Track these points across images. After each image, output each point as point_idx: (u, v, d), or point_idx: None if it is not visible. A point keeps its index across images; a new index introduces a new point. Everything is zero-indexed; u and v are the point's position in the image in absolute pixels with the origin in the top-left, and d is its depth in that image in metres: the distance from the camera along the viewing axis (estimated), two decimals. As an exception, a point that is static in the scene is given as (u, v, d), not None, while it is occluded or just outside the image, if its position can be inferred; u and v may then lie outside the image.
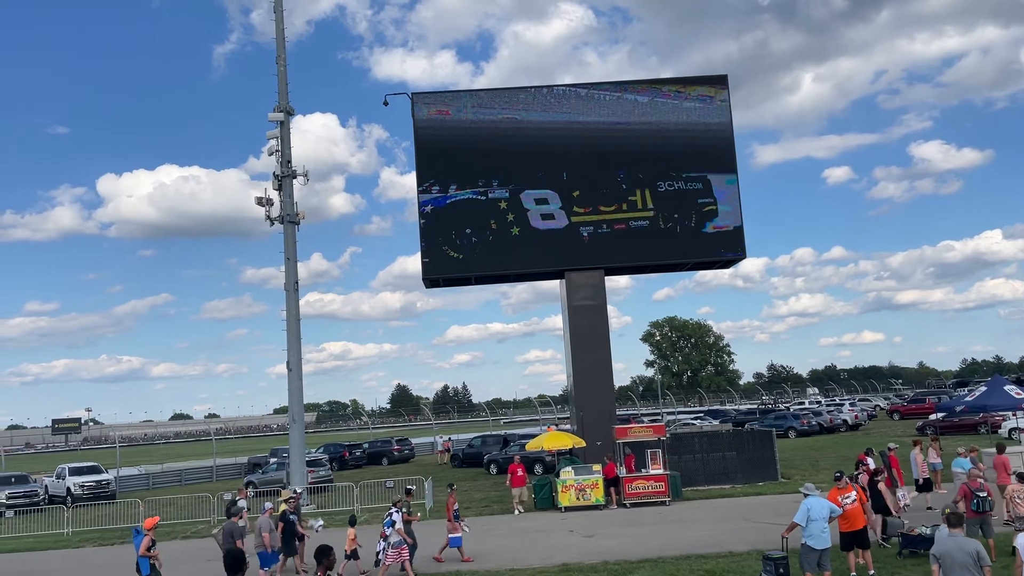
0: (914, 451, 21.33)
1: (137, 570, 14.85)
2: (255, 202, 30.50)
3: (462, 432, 66.55)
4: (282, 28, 31.62)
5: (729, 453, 27.51)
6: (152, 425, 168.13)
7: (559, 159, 31.89)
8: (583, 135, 32.05)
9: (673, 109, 32.28)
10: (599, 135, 32.07)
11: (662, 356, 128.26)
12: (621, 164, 31.87)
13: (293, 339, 30.56)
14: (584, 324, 31.26)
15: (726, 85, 32.66)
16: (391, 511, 16.33)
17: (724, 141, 32.20)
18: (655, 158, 31.87)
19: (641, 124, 32.21)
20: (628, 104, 32.32)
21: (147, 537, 14.70)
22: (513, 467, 25.39)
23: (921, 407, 53.56)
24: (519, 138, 32.01)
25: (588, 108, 32.21)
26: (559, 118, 32.18)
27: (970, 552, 9.20)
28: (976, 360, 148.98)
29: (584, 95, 32.32)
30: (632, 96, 32.35)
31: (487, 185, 31.62)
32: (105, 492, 35.70)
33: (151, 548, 14.64)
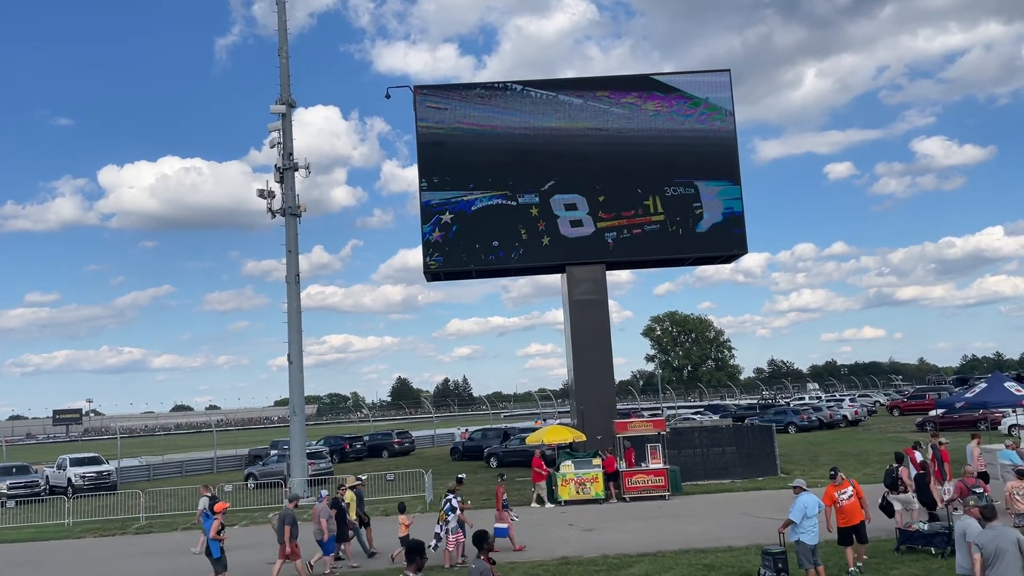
0: (971, 444, 21.24)
1: (207, 552, 15.51)
2: (257, 194, 30.49)
3: (462, 425, 66.61)
4: (284, 20, 31.55)
5: (729, 448, 27.55)
6: (153, 416, 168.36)
7: (582, 163, 31.92)
8: (602, 140, 32.08)
9: (684, 119, 32.29)
10: (616, 140, 32.09)
11: (663, 351, 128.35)
12: (635, 169, 31.87)
13: (294, 331, 30.58)
14: (585, 318, 31.28)
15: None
16: (449, 497, 16.82)
17: (726, 149, 32.23)
18: (665, 164, 31.97)
19: (652, 131, 32.19)
20: (641, 112, 32.29)
21: (217, 521, 15.34)
22: (536, 461, 25.41)
23: (921, 403, 53.53)
24: (535, 141, 31.96)
25: (599, 114, 32.24)
26: (571, 124, 32.13)
27: (1012, 540, 9.32)
28: (976, 356, 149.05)
29: (590, 106, 32.24)
30: (644, 105, 32.31)
31: (514, 189, 31.57)
32: (106, 483, 35.79)
33: (220, 531, 15.30)
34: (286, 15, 31.66)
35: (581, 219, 31.50)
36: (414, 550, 8.58)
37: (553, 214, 31.42)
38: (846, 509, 13.82)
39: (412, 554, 8.52)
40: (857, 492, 14.05)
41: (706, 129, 32.18)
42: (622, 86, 32.56)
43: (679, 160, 31.93)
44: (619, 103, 32.12)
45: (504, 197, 31.47)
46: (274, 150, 31.05)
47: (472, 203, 31.43)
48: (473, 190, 31.50)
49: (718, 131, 32.19)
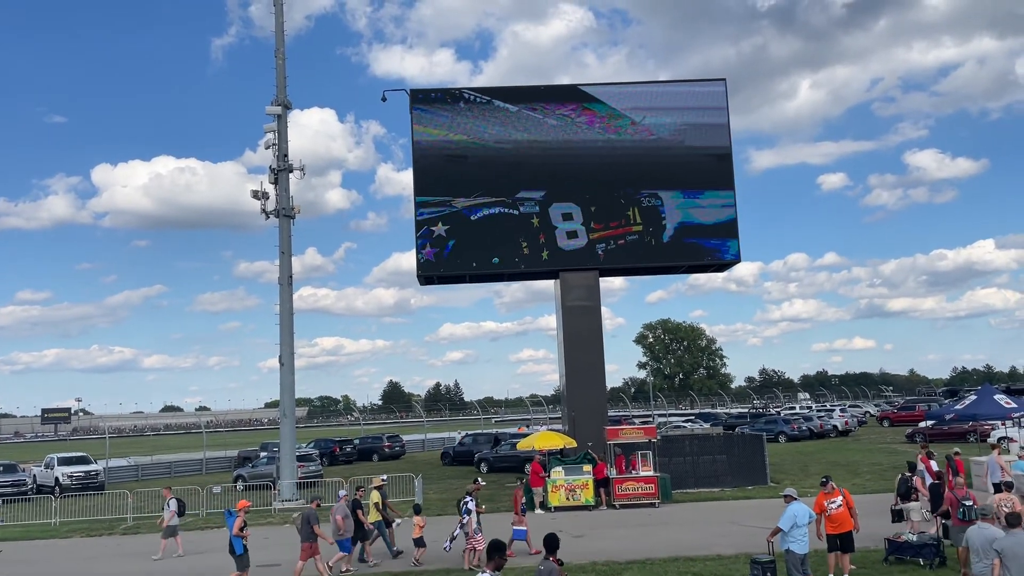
0: (993, 455, 21.29)
1: (230, 549, 15.79)
2: (251, 195, 30.44)
3: (453, 430, 66.53)
4: (281, 22, 31.56)
5: (719, 456, 27.58)
6: (142, 416, 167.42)
7: (574, 173, 31.89)
8: (593, 151, 32.15)
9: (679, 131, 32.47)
10: (604, 150, 32.15)
11: (655, 358, 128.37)
12: (621, 179, 31.94)
13: (286, 333, 30.52)
14: (578, 325, 31.29)
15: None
16: (467, 500, 16.97)
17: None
18: (637, 174, 32.10)
19: (642, 141, 32.28)
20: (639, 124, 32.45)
21: (239, 518, 15.75)
22: (535, 466, 25.37)
23: (911, 414, 53.74)
24: (528, 151, 31.92)
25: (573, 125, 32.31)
26: (559, 136, 32.21)
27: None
28: (966, 369, 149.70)
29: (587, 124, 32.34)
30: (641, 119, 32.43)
31: (511, 198, 31.54)
32: (94, 483, 35.59)
33: (243, 528, 15.68)
34: (283, 17, 31.66)
35: (576, 230, 31.52)
36: (495, 549, 8.52)
37: (552, 225, 31.43)
38: (835, 517, 13.99)
39: (492, 553, 8.45)
40: (847, 502, 14.14)
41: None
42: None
43: (648, 171, 32.08)
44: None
45: (504, 206, 31.45)
46: (269, 151, 31.02)
47: (470, 212, 31.42)
48: (468, 199, 31.48)
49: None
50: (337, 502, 17.74)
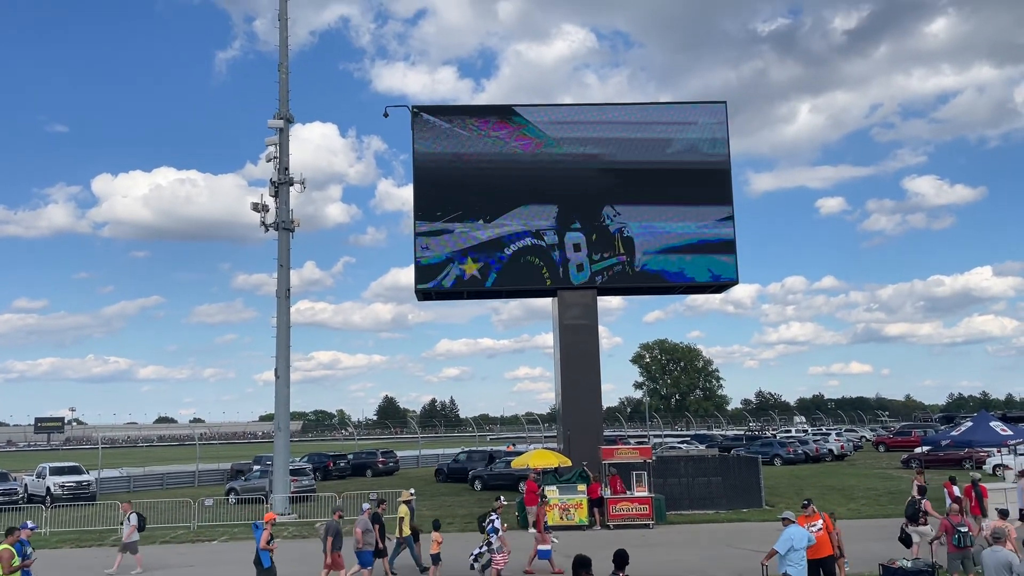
0: (1021, 482, 21.19)
1: (257, 562, 15.83)
2: (251, 208, 30.46)
3: (448, 447, 66.27)
4: (286, 36, 31.72)
5: (715, 478, 27.48)
6: (136, 427, 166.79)
7: (580, 194, 32.09)
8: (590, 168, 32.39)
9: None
10: (607, 169, 32.42)
11: (651, 378, 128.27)
12: (620, 199, 32.20)
13: (283, 347, 30.44)
14: (575, 343, 31.27)
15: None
16: (492, 517, 16.93)
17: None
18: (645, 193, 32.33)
19: (637, 162, 32.52)
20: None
21: (266, 531, 15.80)
22: (531, 484, 25.21)
23: (907, 440, 53.60)
24: (532, 171, 32.11)
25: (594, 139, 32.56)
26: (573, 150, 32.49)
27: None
28: (963, 395, 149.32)
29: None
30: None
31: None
32: (85, 493, 35.34)
33: (270, 541, 15.73)
34: (288, 32, 31.84)
35: (583, 262, 31.65)
36: (581, 564, 8.33)
37: (566, 256, 31.58)
38: (816, 541, 13.84)
39: (579, 568, 8.29)
40: (827, 526, 14.12)
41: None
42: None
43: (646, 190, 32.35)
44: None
45: (532, 236, 31.64)
46: (270, 164, 31.09)
47: (470, 232, 31.54)
48: (467, 221, 31.59)
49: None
50: (360, 515, 17.79)
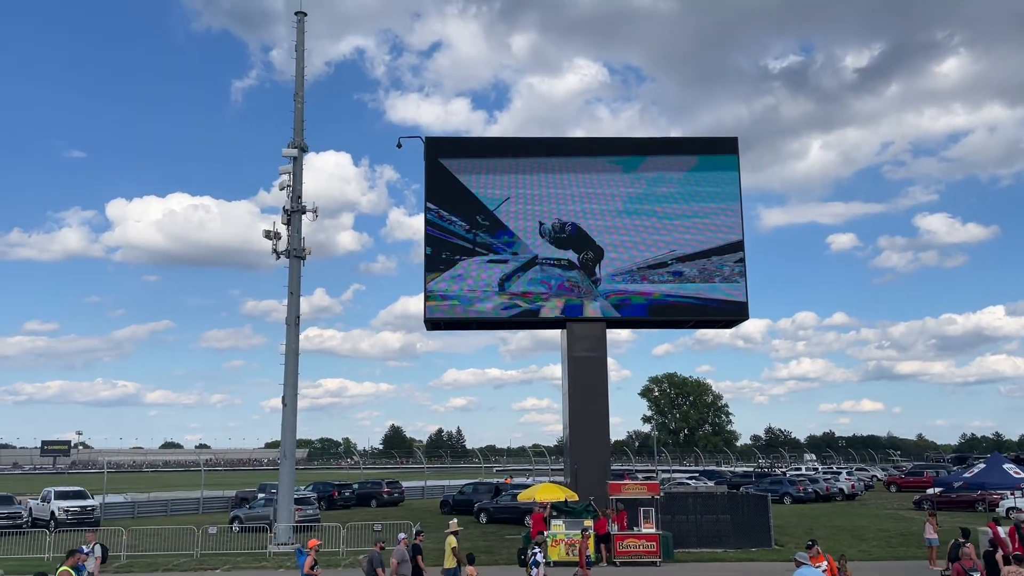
0: None
1: None
2: (263, 235, 30.60)
3: (454, 478, 65.80)
4: (302, 67, 32.10)
5: (723, 516, 27.11)
6: (142, 452, 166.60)
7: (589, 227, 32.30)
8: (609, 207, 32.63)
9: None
10: (619, 207, 32.60)
11: (660, 412, 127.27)
12: (634, 238, 32.30)
13: (290, 374, 30.40)
14: (583, 375, 31.13)
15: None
16: (535, 551, 16.87)
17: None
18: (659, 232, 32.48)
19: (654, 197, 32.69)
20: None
21: (310, 557, 16.05)
22: (536, 516, 24.96)
23: (919, 480, 52.92)
24: (545, 203, 32.29)
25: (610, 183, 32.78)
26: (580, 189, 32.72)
27: None
28: (975, 435, 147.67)
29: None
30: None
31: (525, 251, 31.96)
32: (89, 518, 35.15)
33: (314, 567, 16.00)
34: (304, 62, 32.23)
35: (593, 295, 31.68)
36: None
37: (576, 288, 31.63)
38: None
39: None
40: (832, 568, 13.92)
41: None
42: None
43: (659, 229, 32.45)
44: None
45: (542, 268, 31.73)
46: (283, 192, 31.28)
47: (479, 265, 31.63)
48: (476, 256, 31.76)
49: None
50: (397, 545, 17.73)
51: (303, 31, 32.24)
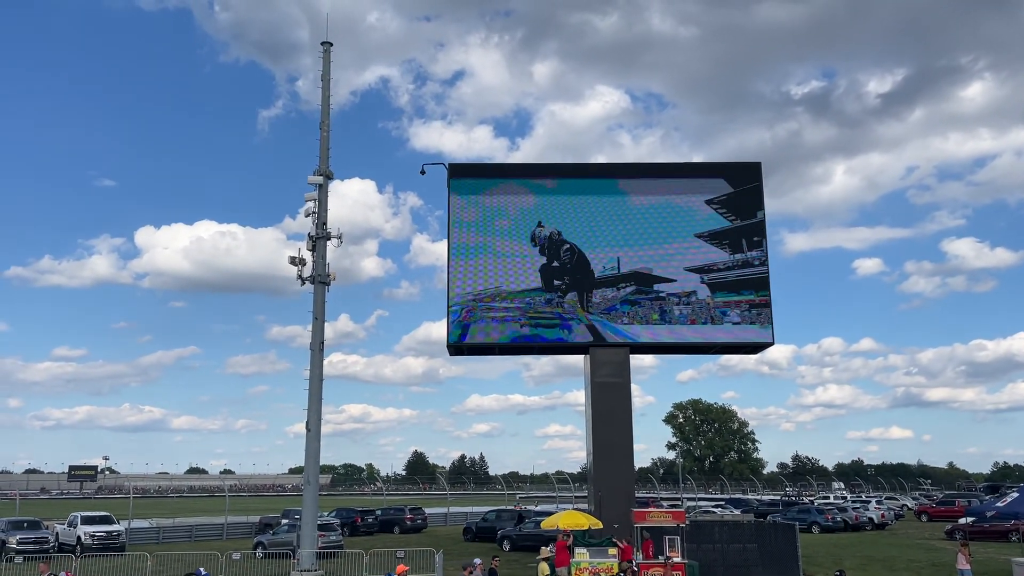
0: None
1: None
2: (288, 261, 30.90)
3: (477, 505, 65.47)
4: (327, 96, 32.55)
5: (750, 545, 26.68)
6: (167, 477, 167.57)
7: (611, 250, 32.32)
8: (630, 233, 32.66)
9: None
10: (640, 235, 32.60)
11: (684, 439, 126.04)
12: (659, 264, 32.30)
13: (315, 400, 30.51)
14: (607, 401, 30.95)
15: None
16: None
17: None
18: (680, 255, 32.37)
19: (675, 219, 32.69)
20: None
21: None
22: (560, 544, 24.73)
23: (951, 510, 51.90)
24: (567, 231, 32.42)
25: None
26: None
27: None
28: (1008, 464, 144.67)
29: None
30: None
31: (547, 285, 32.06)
32: (115, 544, 35.38)
33: None
34: (329, 91, 32.70)
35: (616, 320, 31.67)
36: None
37: (599, 314, 31.61)
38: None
39: None
40: None
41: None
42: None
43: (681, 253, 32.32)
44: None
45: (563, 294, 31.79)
46: (309, 219, 31.60)
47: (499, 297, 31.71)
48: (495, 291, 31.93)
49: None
50: (474, 571, 18.36)
51: (329, 61, 32.75)
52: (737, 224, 32.35)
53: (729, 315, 31.55)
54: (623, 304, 31.73)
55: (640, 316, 31.58)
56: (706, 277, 31.90)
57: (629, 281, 31.85)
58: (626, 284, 31.83)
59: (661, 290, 31.81)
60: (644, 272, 31.96)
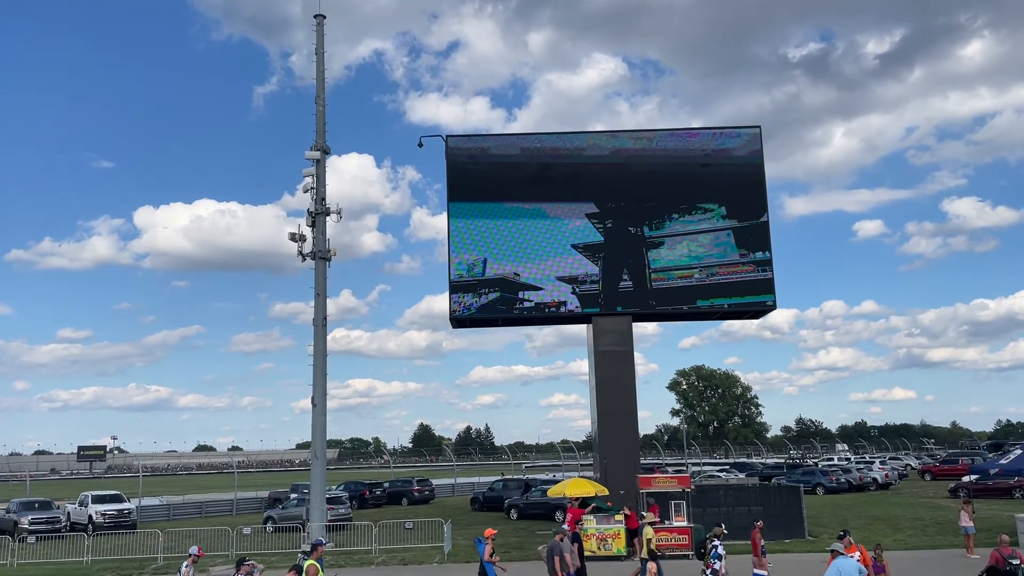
0: None
1: (482, 573, 16.96)
2: (288, 238, 30.81)
3: (483, 475, 65.99)
4: (323, 69, 32.26)
5: (755, 508, 26.90)
6: (176, 455, 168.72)
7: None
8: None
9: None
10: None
11: (688, 405, 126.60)
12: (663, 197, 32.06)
13: (319, 375, 30.59)
14: (610, 370, 31.04)
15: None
16: (716, 543, 16.78)
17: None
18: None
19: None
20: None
21: (488, 545, 17.11)
22: (573, 512, 24.93)
23: (954, 468, 52.28)
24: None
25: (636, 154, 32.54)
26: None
27: None
28: (1011, 422, 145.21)
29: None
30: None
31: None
32: (126, 521, 35.74)
33: (492, 555, 17.02)
34: (324, 65, 32.41)
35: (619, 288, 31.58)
36: None
37: (601, 282, 31.50)
38: (866, 572, 13.54)
39: None
40: (864, 559, 13.78)
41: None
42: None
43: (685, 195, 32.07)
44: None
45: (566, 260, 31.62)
46: (307, 195, 31.48)
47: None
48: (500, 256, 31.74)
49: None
50: (555, 538, 18.18)
51: (322, 34, 32.41)
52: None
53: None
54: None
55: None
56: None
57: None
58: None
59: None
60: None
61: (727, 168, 32.15)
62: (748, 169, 32.17)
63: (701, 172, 32.22)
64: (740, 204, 31.89)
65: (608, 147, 32.56)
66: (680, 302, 31.60)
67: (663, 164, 32.33)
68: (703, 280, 31.57)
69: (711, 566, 16.34)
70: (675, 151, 32.45)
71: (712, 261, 31.64)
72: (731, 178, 32.07)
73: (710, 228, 31.86)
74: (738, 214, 31.87)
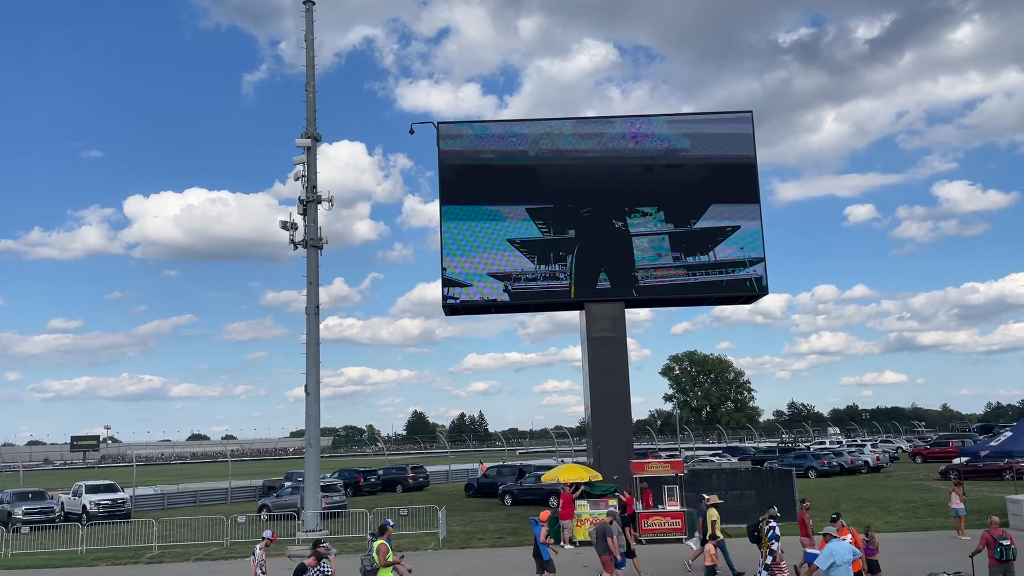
0: None
1: (536, 555, 17.30)
2: (280, 226, 30.76)
3: (477, 462, 66.17)
4: (312, 57, 32.10)
5: (748, 491, 27.13)
6: (169, 445, 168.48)
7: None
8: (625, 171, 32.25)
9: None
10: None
11: (681, 390, 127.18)
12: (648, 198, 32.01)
13: (312, 363, 30.63)
14: (603, 356, 31.10)
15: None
16: (772, 524, 16.71)
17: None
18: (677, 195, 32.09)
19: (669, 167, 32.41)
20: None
21: (544, 527, 17.42)
22: (566, 497, 25.07)
23: (945, 450, 52.65)
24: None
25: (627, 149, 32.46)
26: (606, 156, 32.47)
27: None
28: (1001, 404, 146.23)
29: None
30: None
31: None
32: (120, 511, 35.75)
33: (548, 536, 17.40)
34: (314, 52, 32.22)
35: (610, 274, 31.51)
36: None
37: (593, 268, 31.47)
38: (859, 555, 13.65)
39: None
40: (856, 541, 13.89)
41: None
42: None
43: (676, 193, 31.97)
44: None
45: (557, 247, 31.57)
46: (298, 183, 31.40)
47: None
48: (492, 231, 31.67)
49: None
50: (614, 522, 18.50)
51: (311, 20, 32.22)
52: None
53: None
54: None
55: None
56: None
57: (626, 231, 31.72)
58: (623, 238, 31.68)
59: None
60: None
61: (714, 159, 32.10)
62: (739, 157, 32.15)
63: (684, 161, 32.18)
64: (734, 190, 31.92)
65: (599, 147, 32.37)
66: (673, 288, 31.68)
67: (645, 155, 32.23)
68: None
69: (769, 546, 16.14)
70: (664, 140, 32.37)
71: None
72: (721, 167, 32.05)
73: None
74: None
